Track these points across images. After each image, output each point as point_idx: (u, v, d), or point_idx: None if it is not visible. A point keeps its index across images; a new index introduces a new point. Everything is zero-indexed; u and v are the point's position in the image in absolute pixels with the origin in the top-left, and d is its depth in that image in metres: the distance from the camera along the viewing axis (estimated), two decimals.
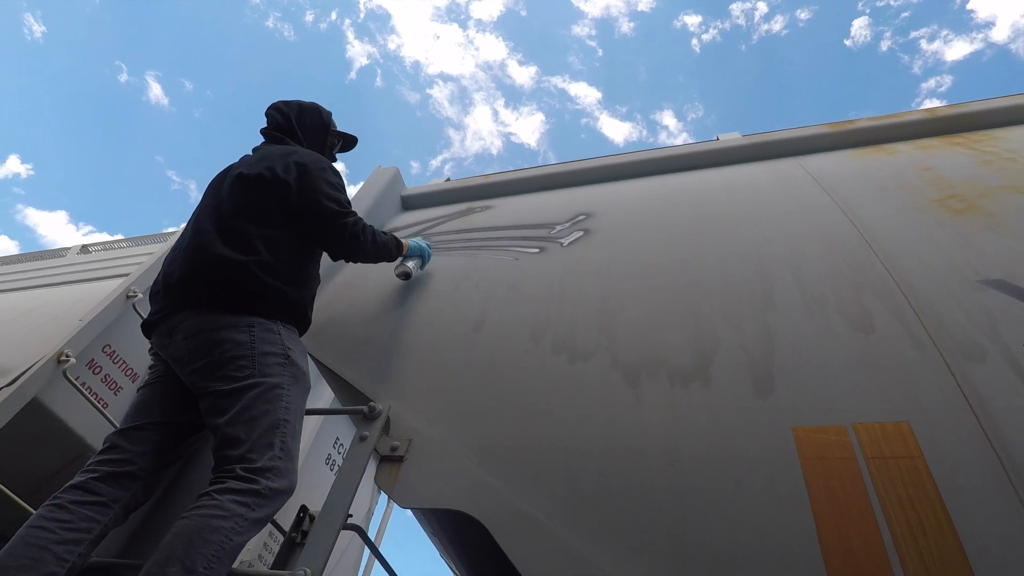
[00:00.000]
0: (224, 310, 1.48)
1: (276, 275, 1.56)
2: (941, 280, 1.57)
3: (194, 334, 1.46)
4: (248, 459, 1.29)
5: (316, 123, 1.98)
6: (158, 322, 1.57)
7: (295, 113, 1.95)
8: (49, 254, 3.60)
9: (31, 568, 1.13)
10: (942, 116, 2.43)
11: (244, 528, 1.21)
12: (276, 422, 1.37)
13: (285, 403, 1.41)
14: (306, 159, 1.74)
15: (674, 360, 1.55)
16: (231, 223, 1.60)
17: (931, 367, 1.37)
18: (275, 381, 1.42)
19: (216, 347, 1.43)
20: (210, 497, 1.22)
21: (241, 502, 1.22)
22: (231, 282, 1.50)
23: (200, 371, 1.43)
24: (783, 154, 2.50)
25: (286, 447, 1.36)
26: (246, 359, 1.42)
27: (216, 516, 1.18)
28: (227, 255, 1.52)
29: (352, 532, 1.61)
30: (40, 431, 2.18)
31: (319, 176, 1.72)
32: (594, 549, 1.25)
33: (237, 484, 1.24)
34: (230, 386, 1.38)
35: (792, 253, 1.80)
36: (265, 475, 1.28)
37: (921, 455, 1.22)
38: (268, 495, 1.27)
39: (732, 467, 1.30)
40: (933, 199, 1.88)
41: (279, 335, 1.51)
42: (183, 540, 1.14)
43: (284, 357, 1.48)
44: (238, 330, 1.46)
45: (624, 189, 2.55)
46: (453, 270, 2.18)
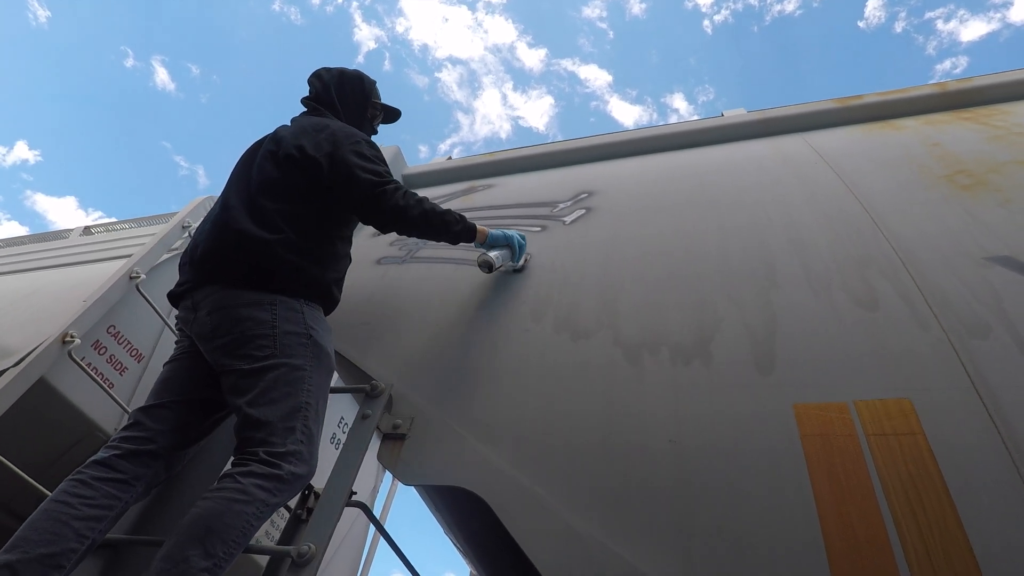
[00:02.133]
0: (246, 286, 1.47)
1: (300, 253, 1.53)
2: (947, 257, 1.55)
3: (216, 310, 1.45)
4: (270, 442, 1.28)
5: (357, 94, 1.90)
6: (183, 294, 1.56)
7: (335, 83, 1.88)
8: (52, 235, 3.60)
9: (52, 543, 1.14)
10: (952, 90, 2.39)
11: (263, 513, 1.22)
12: (299, 405, 1.36)
13: (308, 385, 1.40)
14: (338, 134, 1.68)
15: (675, 338, 1.55)
16: (257, 200, 1.57)
17: (935, 344, 1.36)
18: (297, 362, 1.41)
19: (237, 324, 1.42)
20: (233, 480, 1.21)
21: (264, 487, 1.22)
22: (254, 259, 1.48)
23: (222, 348, 1.42)
24: (789, 130, 2.46)
25: (308, 431, 1.35)
26: (267, 338, 1.41)
27: (239, 501, 1.18)
28: (251, 231, 1.50)
29: (358, 509, 1.63)
30: (47, 411, 2.20)
31: (351, 149, 1.65)
32: (595, 525, 1.26)
33: (260, 468, 1.24)
34: (251, 365, 1.37)
35: (796, 230, 1.78)
36: (288, 460, 1.27)
37: (922, 432, 1.22)
38: (290, 480, 1.27)
39: (733, 444, 1.30)
40: (940, 175, 1.85)
41: (302, 314, 1.49)
42: (205, 524, 1.14)
43: (307, 337, 1.46)
44: (260, 308, 1.44)
45: (627, 167, 2.52)
46: (454, 249, 2.17)
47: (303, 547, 1.23)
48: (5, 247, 3.64)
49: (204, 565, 1.10)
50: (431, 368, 1.70)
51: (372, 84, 1.95)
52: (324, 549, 1.26)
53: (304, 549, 1.23)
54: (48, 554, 1.12)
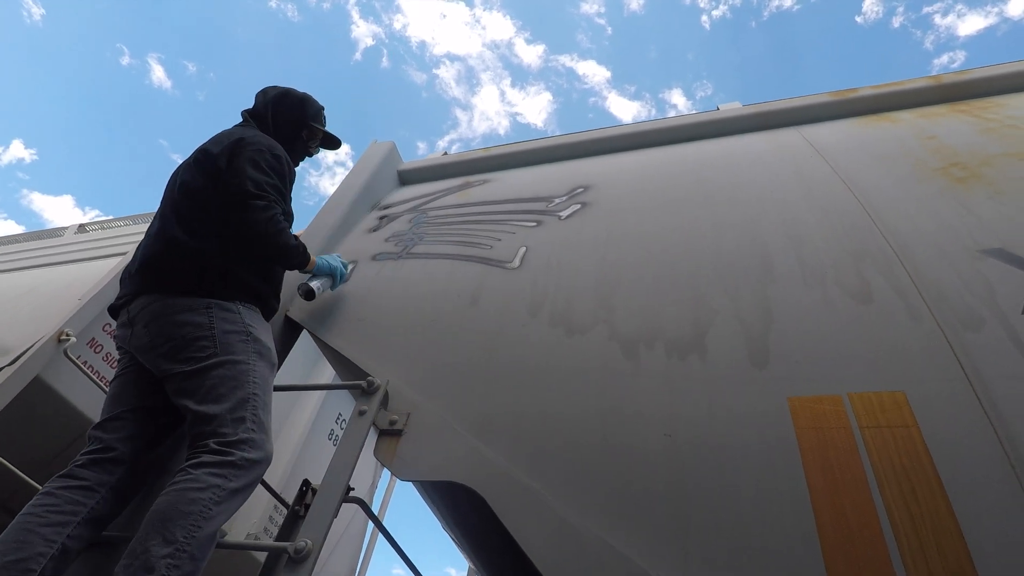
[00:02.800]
0: (180, 294, 1.49)
1: (230, 258, 1.55)
2: (941, 250, 1.56)
3: (152, 320, 1.47)
4: (220, 433, 1.31)
5: (294, 113, 1.90)
6: (120, 310, 1.58)
7: (275, 99, 1.89)
8: (47, 233, 3.60)
9: (19, 550, 1.18)
10: (947, 83, 2.39)
11: (223, 497, 1.24)
12: (246, 396, 1.39)
13: (253, 378, 1.43)
14: (246, 141, 1.66)
15: (671, 332, 1.55)
16: (182, 207, 1.60)
17: (928, 337, 1.37)
18: (239, 358, 1.44)
19: (176, 329, 1.44)
20: (185, 472, 1.24)
21: (216, 473, 1.25)
22: (185, 265, 1.51)
23: (164, 356, 1.44)
24: (784, 124, 2.46)
25: (258, 419, 1.38)
26: (207, 339, 1.43)
27: (192, 488, 1.21)
28: (181, 239, 1.53)
29: (356, 505, 1.63)
30: (44, 410, 2.21)
31: (249, 156, 1.62)
32: (592, 520, 1.26)
33: (211, 457, 1.27)
34: (193, 367, 1.40)
35: (791, 224, 1.78)
36: (240, 447, 1.30)
37: (916, 424, 1.23)
38: (244, 465, 1.29)
39: (728, 437, 1.31)
40: (935, 168, 1.85)
41: (238, 314, 1.52)
42: (161, 514, 1.18)
43: (246, 335, 1.49)
44: (195, 312, 1.47)
45: (623, 161, 2.52)
46: (450, 245, 2.17)
47: (300, 543, 1.24)
48: (2, 246, 3.63)
49: (164, 552, 1.12)
50: (427, 364, 1.70)
51: (317, 109, 1.96)
52: (321, 545, 1.27)
53: (301, 545, 1.23)
54: (16, 560, 1.15)
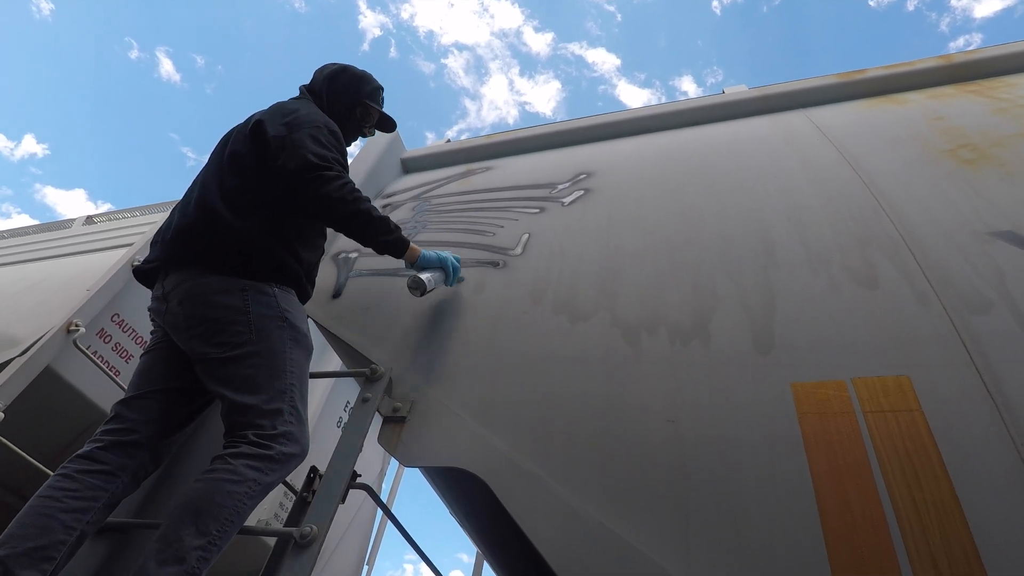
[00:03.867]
0: (214, 271, 1.44)
1: (269, 238, 1.50)
2: (948, 233, 1.54)
3: (187, 299, 1.43)
4: (259, 425, 1.29)
5: (350, 90, 1.84)
6: (152, 277, 1.54)
7: (332, 74, 1.84)
8: (56, 225, 3.62)
9: (39, 536, 1.15)
10: (958, 63, 2.34)
11: (256, 492, 1.23)
12: (283, 387, 1.36)
13: (289, 367, 1.39)
14: (302, 117, 1.61)
15: (674, 318, 1.55)
16: (228, 178, 1.54)
17: (934, 321, 1.35)
18: (276, 346, 1.40)
19: (210, 311, 1.40)
20: (224, 461, 1.23)
21: (253, 466, 1.23)
22: (222, 241, 1.46)
23: (198, 337, 1.40)
24: (790, 106, 2.43)
25: (296, 411, 1.36)
26: (242, 323, 1.39)
27: (230, 481, 1.20)
28: (222, 213, 1.47)
29: (365, 493, 1.65)
30: (55, 399, 2.24)
31: (308, 132, 1.57)
32: (594, 505, 1.27)
33: (251, 449, 1.25)
34: (228, 353, 1.36)
35: (796, 208, 1.76)
36: (278, 440, 1.28)
37: (920, 408, 1.22)
38: (281, 459, 1.28)
39: (731, 423, 1.30)
40: (943, 149, 1.82)
41: (274, 298, 1.46)
42: (197, 504, 1.16)
43: (282, 320, 1.44)
44: (230, 294, 1.41)
45: (627, 146, 2.49)
46: (453, 233, 2.16)
47: (305, 528, 1.25)
48: (10, 238, 3.67)
49: (197, 543, 1.12)
50: (430, 351, 1.71)
51: (373, 88, 1.89)
52: (326, 530, 1.28)
53: (306, 531, 1.25)
54: (37, 547, 1.13)
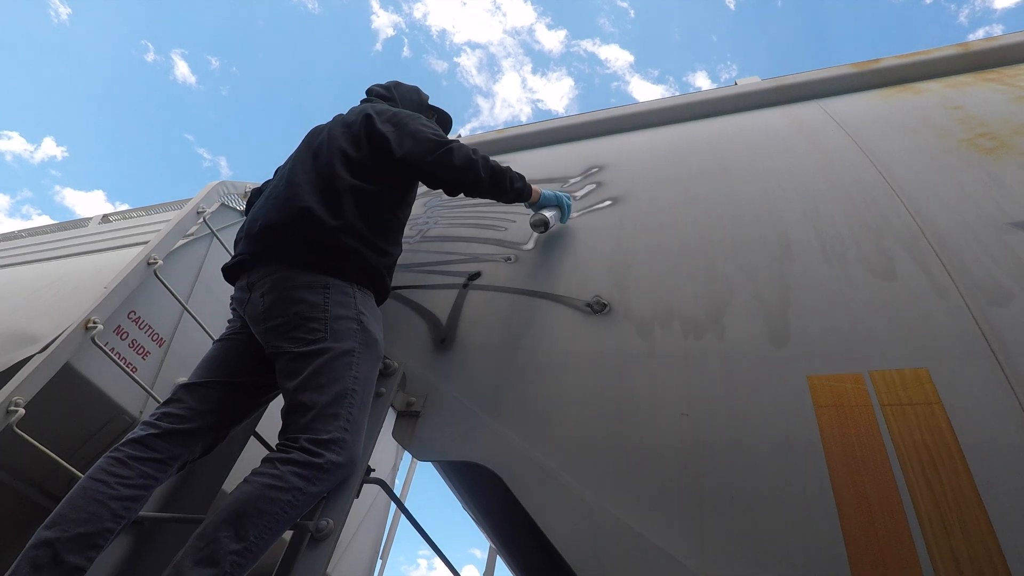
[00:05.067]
0: (302, 267, 1.46)
1: (360, 238, 1.53)
2: (967, 223, 1.51)
3: (270, 291, 1.45)
4: (313, 428, 1.28)
5: (414, 96, 2.10)
6: (238, 271, 1.57)
7: (393, 85, 2.07)
8: (73, 224, 3.67)
9: (89, 522, 1.16)
10: (976, 51, 2.30)
11: (301, 502, 1.22)
12: (344, 391, 1.34)
13: (355, 372, 1.38)
14: (401, 113, 1.78)
15: (687, 311, 1.54)
16: (324, 176, 1.59)
17: (953, 312, 1.34)
18: (346, 347, 1.39)
19: (291, 306, 1.42)
20: (273, 466, 1.22)
21: (301, 475, 1.22)
22: (316, 238, 1.48)
23: (274, 330, 1.42)
24: (804, 97, 2.40)
25: (352, 418, 1.34)
26: (319, 321, 1.40)
27: (275, 487, 1.18)
28: (317, 211, 1.50)
29: (379, 487, 1.66)
30: (74, 396, 2.27)
31: (416, 120, 1.74)
32: (608, 499, 1.27)
33: (301, 456, 1.23)
34: (301, 349, 1.37)
35: (811, 200, 1.74)
36: (330, 448, 1.27)
37: (939, 401, 1.20)
38: (329, 469, 1.26)
39: (746, 416, 1.30)
40: (962, 139, 1.79)
41: (354, 299, 1.48)
42: (240, 508, 1.15)
43: (357, 322, 1.45)
44: (312, 291, 1.44)
45: (639, 139, 2.48)
46: (464, 228, 2.16)
47: (321, 522, 1.26)
48: (29, 237, 3.72)
49: (234, 548, 1.11)
50: (443, 346, 1.71)
51: (427, 96, 2.16)
52: (341, 524, 1.29)
53: (322, 524, 1.26)
54: (86, 533, 1.15)
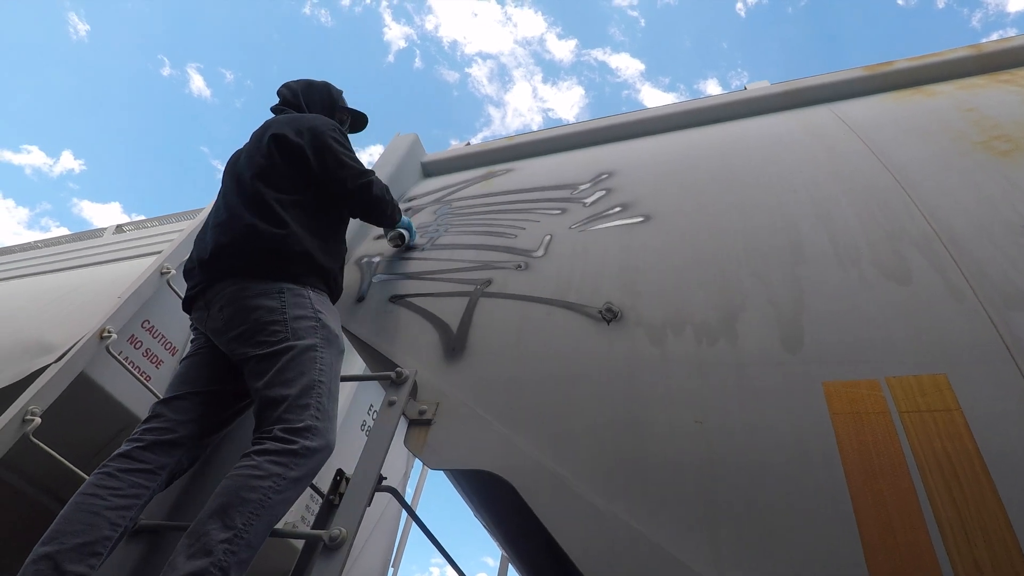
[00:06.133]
0: (255, 278, 1.52)
1: (303, 242, 1.59)
2: (983, 226, 1.49)
3: (228, 303, 1.51)
4: (285, 419, 1.32)
5: (323, 98, 2.03)
6: (196, 297, 1.62)
7: (302, 89, 2.00)
8: (88, 235, 3.72)
9: (87, 533, 1.20)
10: (989, 52, 2.28)
11: (283, 487, 1.25)
12: (312, 383, 1.40)
13: (320, 365, 1.44)
14: (314, 122, 1.79)
15: (700, 317, 1.53)
16: (255, 194, 1.63)
17: (970, 317, 1.32)
18: (308, 343, 1.45)
19: (250, 313, 1.47)
20: (249, 458, 1.26)
21: (278, 461, 1.26)
22: (260, 250, 1.54)
23: (237, 338, 1.48)
24: (815, 101, 2.38)
25: (323, 407, 1.39)
26: (279, 324, 1.46)
27: (254, 476, 1.22)
28: (257, 226, 1.56)
29: (390, 495, 1.66)
30: (89, 404, 2.29)
31: (331, 137, 1.76)
32: (621, 507, 1.26)
33: (275, 445, 1.28)
34: (265, 350, 1.42)
35: (823, 204, 1.73)
36: (303, 435, 1.31)
37: (959, 408, 1.18)
38: (305, 454, 1.30)
39: (760, 424, 1.28)
40: (976, 141, 1.77)
41: (309, 299, 1.55)
42: (223, 500, 1.19)
43: (316, 320, 1.51)
44: (269, 297, 1.50)
45: (648, 145, 2.47)
46: (475, 235, 2.17)
47: (334, 531, 1.26)
48: (45, 247, 3.77)
49: (223, 536, 1.14)
50: (455, 354, 1.71)
51: (339, 92, 2.09)
52: (354, 533, 1.29)
53: (335, 533, 1.26)
54: (85, 543, 1.18)
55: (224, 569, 1.11)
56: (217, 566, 1.11)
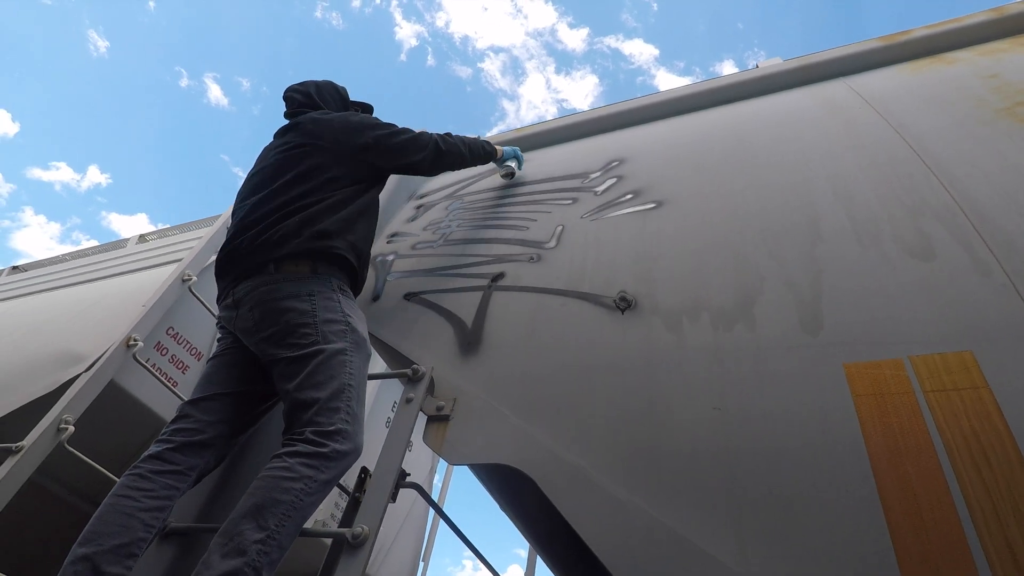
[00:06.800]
0: (284, 279, 1.54)
1: (336, 243, 1.61)
2: (1009, 196, 1.44)
3: (258, 304, 1.52)
4: (316, 422, 1.34)
5: (335, 95, 2.05)
6: (224, 288, 1.64)
7: (314, 89, 2.01)
8: (112, 246, 3.81)
9: (123, 534, 1.23)
10: (1011, 14, 2.19)
11: (314, 489, 1.27)
12: (342, 387, 1.42)
13: (349, 369, 1.46)
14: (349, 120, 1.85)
15: (716, 302, 1.51)
16: (289, 192, 1.66)
17: (998, 291, 1.27)
18: (338, 347, 1.47)
19: (281, 315, 1.49)
20: (281, 460, 1.28)
21: (309, 464, 1.28)
22: (292, 251, 1.56)
23: (268, 339, 1.50)
24: (829, 76, 2.32)
25: (352, 411, 1.41)
26: (310, 326, 1.48)
27: (287, 478, 1.24)
28: (289, 225, 1.59)
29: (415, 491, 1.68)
30: (119, 411, 2.35)
31: (364, 121, 1.84)
32: (642, 497, 1.25)
33: (306, 448, 1.30)
34: (296, 353, 1.44)
35: (840, 179, 1.69)
36: (333, 438, 1.33)
37: (987, 385, 1.15)
38: (335, 457, 1.32)
39: (780, 408, 1.26)
40: (999, 108, 1.71)
41: (339, 303, 1.57)
42: (256, 500, 1.21)
43: (345, 324, 1.53)
44: (299, 299, 1.51)
45: (659, 130, 2.44)
46: (486, 229, 2.16)
47: (356, 529, 1.28)
48: (72, 260, 3.87)
49: (257, 537, 1.16)
50: (471, 349, 1.71)
51: (343, 88, 2.13)
52: (376, 530, 1.30)
53: (358, 531, 1.27)
54: (121, 544, 1.21)
55: (257, 569, 1.14)
56: (251, 566, 1.13)
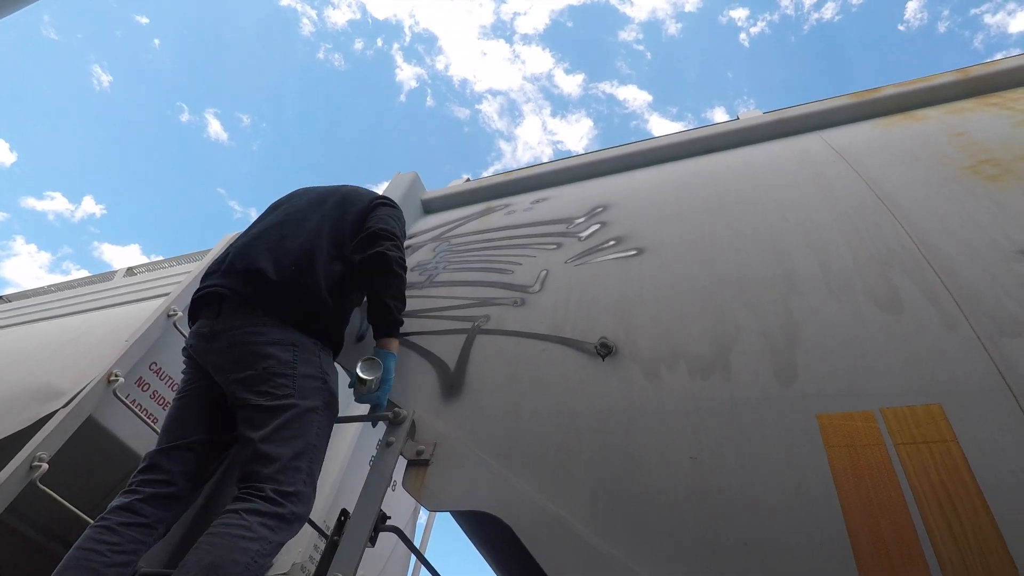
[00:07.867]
0: (272, 323, 1.52)
1: (328, 302, 1.63)
2: (975, 252, 1.50)
3: (238, 344, 1.49)
4: (277, 479, 1.32)
5: None
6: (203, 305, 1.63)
7: None
8: (99, 278, 3.79)
9: None
10: (976, 75, 2.30)
11: (268, 551, 1.25)
12: (307, 447, 1.41)
13: (317, 429, 1.46)
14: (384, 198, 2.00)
15: (694, 350, 1.53)
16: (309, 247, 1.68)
17: (964, 345, 1.31)
18: (311, 404, 1.46)
19: (260, 360, 1.46)
20: (239, 516, 1.24)
21: (267, 525, 1.26)
22: (292, 298, 1.57)
23: (241, 382, 1.46)
24: (805, 129, 2.41)
25: (312, 473, 1.41)
26: (287, 378, 1.46)
27: (245, 537, 1.21)
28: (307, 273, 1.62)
29: None
30: (97, 448, 2.32)
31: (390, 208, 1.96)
32: (619, 547, 1.25)
33: (265, 506, 1.27)
34: (269, 403, 1.42)
35: (814, 233, 1.74)
36: (291, 500, 1.32)
37: (955, 439, 1.18)
38: (291, 519, 1.31)
39: (755, 458, 1.28)
40: (965, 166, 1.78)
41: (318, 359, 1.57)
42: (213, 559, 1.17)
43: (322, 382, 1.53)
44: (282, 348, 1.50)
45: (642, 177, 2.51)
46: (472, 272, 2.19)
47: None
48: (58, 291, 3.85)
49: None
50: (452, 393, 1.72)
51: None
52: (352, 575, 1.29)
53: None
54: None
55: None
56: None
